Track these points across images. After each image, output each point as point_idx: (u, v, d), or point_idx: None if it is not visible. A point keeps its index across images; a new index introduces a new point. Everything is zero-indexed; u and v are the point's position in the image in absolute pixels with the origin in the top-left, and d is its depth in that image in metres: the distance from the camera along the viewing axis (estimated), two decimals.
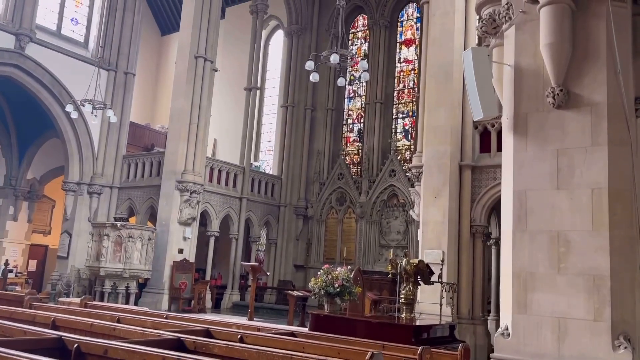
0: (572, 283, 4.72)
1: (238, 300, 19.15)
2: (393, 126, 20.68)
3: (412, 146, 19.54)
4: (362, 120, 21.46)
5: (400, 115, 20.74)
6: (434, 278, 7.64)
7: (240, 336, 5.16)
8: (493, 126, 11.11)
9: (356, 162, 21.25)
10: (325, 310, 7.80)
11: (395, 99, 20.90)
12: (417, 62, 20.15)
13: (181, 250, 16.92)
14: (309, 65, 11.21)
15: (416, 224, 14.08)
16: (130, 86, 19.81)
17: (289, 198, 21.23)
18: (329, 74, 20.73)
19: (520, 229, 5.04)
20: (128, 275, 15.45)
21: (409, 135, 20.22)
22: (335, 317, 7.49)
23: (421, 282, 7.52)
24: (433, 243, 10.75)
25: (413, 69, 20.64)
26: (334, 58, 10.95)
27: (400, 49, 21.20)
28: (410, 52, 20.97)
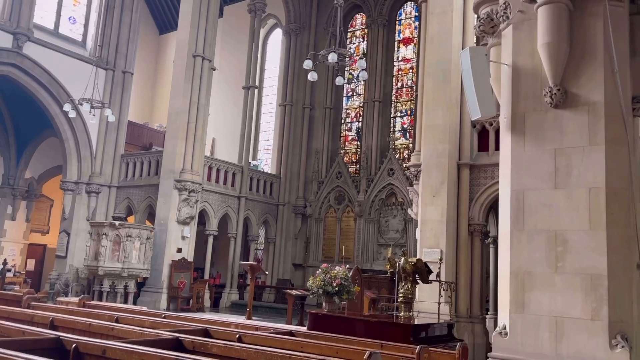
0: (569, 282, 4.73)
1: (237, 299, 19.16)
2: (391, 125, 20.69)
3: (410, 145, 19.57)
4: (360, 119, 21.46)
5: (399, 114, 20.75)
6: (432, 277, 7.64)
7: (239, 336, 5.16)
8: (491, 125, 11.11)
9: (355, 160, 21.27)
10: (324, 309, 7.80)
11: (393, 97, 20.91)
12: (415, 60, 20.16)
13: (180, 250, 16.92)
14: (307, 64, 11.22)
15: (414, 223, 14.10)
16: (128, 85, 19.80)
17: (287, 197, 21.24)
18: (327, 72, 20.73)
19: (518, 228, 5.04)
20: (126, 274, 15.46)
21: (408, 134, 20.24)
22: (333, 316, 7.49)
23: (419, 281, 7.52)
24: (431, 242, 10.76)
25: (411, 68, 20.64)
26: (332, 57, 10.95)
27: (399, 47, 21.21)
28: (408, 51, 20.97)
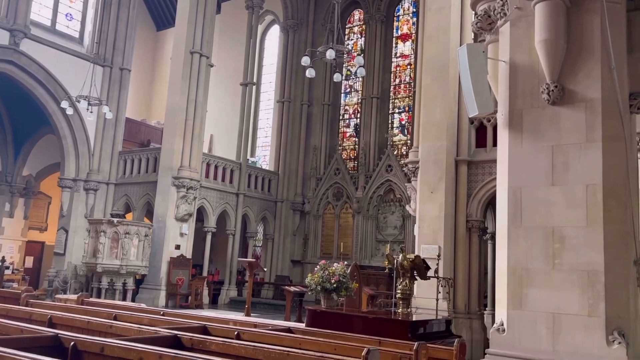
0: (566, 279, 4.75)
1: (235, 295, 19.18)
2: (389, 121, 20.69)
3: (408, 141, 19.57)
4: (358, 115, 21.45)
5: (397, 110, 20.74)
6: (430, 273, 7.65)
7: (237, 333, 5.17)
8: (489, 121, 11.12)
9: (353, 157, 21.27)
10: (322, 306, 7.82)
11: (391, 94, 20.90)
12: (413, 57, 20.14)
13: (178, 246, 16.93)
14: (304, 60, 11.20)
15: (413, 219, 14.11)
16: (125, 82, 19.75)
17: (285, 193, 21.25)
18: (325, 69, 20.69)
19: (516, 225, 5.06)
20: (125, 271, 15.47)
21: (406, 131, 20.24)
22: (332, 313, 7.50)
23: (418, 277, 7.53)
24: (429, 238, 10.76)
25: (409, 64, 20.62)
26: (330, 53, 10.94)
27: (397, 43, 21.18)
28: (406, 47, 20.95)
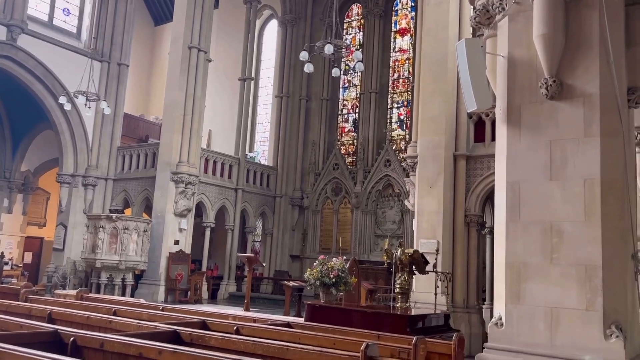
0: (564, 273, 4.77)
1: (234, 290, 19.21)
2: (388, 116, 20.67)
3: (407, 136, 19.56)
4: (357, 110, 21.43)
5: (395, 105, 20.72)
6: (428, 267, 7.67)
7: (237, 328, 5.19)
8: (487, 116, 11.11)
9: (351, 152, 21.26)
10: (321, 301, 7.84)
11: (390, 88, 20.87)
12: (412, 51, 20.11)
13: (177, 242, 16.94)
14: (303, 55, 11.17)
15: (411, 214, 14.13)
16: (123, 77, 19.70)
17: (284, 189, 21.25)
18: (324, 63, 20.65)
19: (514, 219, 5.07)
20: (124, 266, 15.48)
21: (404, 125, 20.22)
22: (330, 308, 7.52)
23: (416, 272, 7.55)
24: (428, 233, 10.78)
25: (408, 59, 20.59)
26: (328, 48, 10.91)
27: (395, 38, 21.14)
28: (405, 42, 20.90)
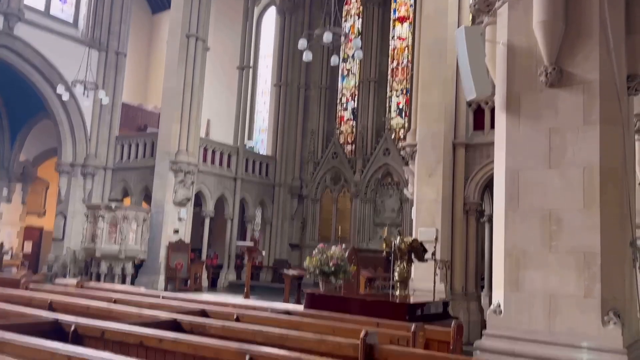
0: (563, 261, 4.78)
1: (234, 279, 19.28)
2: (387, 104, 20.63)
3: (406, 124, 19.53)
4: (356, 98, 21.38)
5: (395, 93, 20.67)
6: (427, 256, 7.68)
7: (237, 316, 5.21)
8: (487, 104, 11.07)
9: (350, 141, 21.24)
10: (321, 289, 7.86)
11: (389, 76, 20.81)
12: (411, 39, 20.01)
13: (176, 231, 16.97)
14: (301, 44, 11.12)
15: (410, 203, 14.13)
16: (121, 66, 19.61)
17: (283, 178, 21.25)
18: (323, 52, 20.57)
19: (512, 207, 5.07)
20: (124, 256, 15.51)
21: (403, 114, 20.19)
22: (330, 296, 7.55)
23: (415, 260, 7.57)
24: (427, 221, 10.79)
25: (407, 46, 20.49)
26: (327, 36, 10.86)
27: (394, 26, 21.02)
28: (404, 29, 20.80)
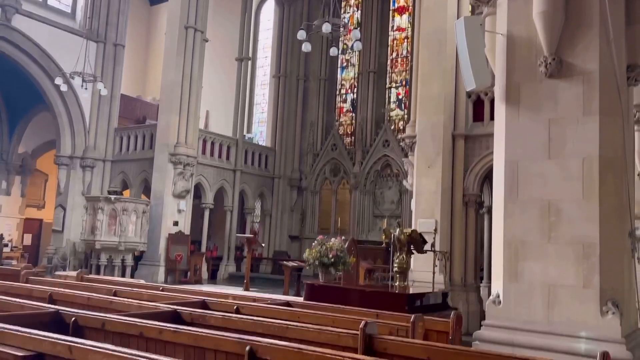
0: (562, 251, 4.80)
1: (234, 271, 19.33)
2: (386, 96, 20.58)
3: (405, 116, 19.50)
4: (355, 90, 21.33)
5: (394, 84, 20.62)
6: (427, 247, 7.71)
7: (237, 307, 5.22)
8: (486, 95, 11.06)
9: (350, 132, 21.21)
10: (320, 280, 7.89)
11: (388, 68, 20.74)
12: (410, 30, 19.92)
13: (176, 223, 16.99)
14: (300, 35, 11.08)
15: (410, 194, 14.15)
16: (120, 58, 19.53)
17: (282, 170, 21.25)
18: (322, 43, 20.50)
19: (512, 198, 5.08)
20: (123, 248, 15.54)
21: (403, 105, 20.14)
22: (329, 287, 7.58)
23: (414, 251, 7.60)
24: (426, 212, 10.82)
25: (406, 37, 20.42)
26: (326, 27, 10.81)
27: (394, 16, 20.93)
28: (403, 20, 20.71)
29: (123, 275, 15.31)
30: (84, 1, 19.47)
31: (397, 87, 20.54)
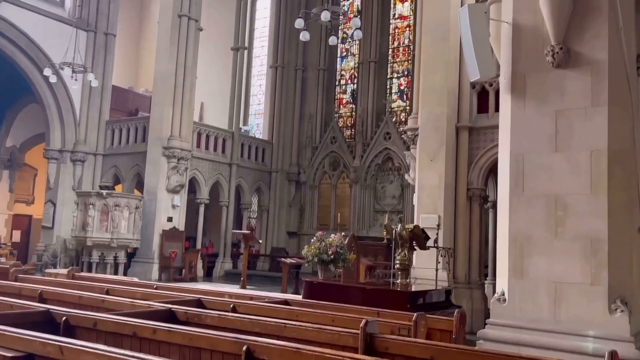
0: (569, 247, 4.80)
1: (230, 268, 19.35)
2: (388, 86, 20.55)
3: (407, 107, 19.47)
4: (355, 80, 21.29)
5: (395, 75, 20.58)
6: (429, 243, 7.72)
7: (233, 305, 5.23)
8: (491, 85, 11.05)
9: (349, 125, 21.19)
10: (319, 278, 7.90)
11: (390, 57, 20.71)
12: (412, 18, 19.87)
13: (170, 219, 16.99)
14: (298, 23, 11.04)
15: (412, 188, 14.15)
16: (111, 48, 19.45)
17: (280, 163, 21.24)
18: (320, 32, 20.42)
19: (517, 192, 5.09)
20: (116, 244, 15.54)
21: (405, 96, 20.12)
22: (329, 284, 7.59)
23: (417, 247, 7.60)
24: (429, 207, 10.83)
25: (408, 26, 20.36)
26: (325, 15, 10.76)
27: (395, 4, 20.87)
28: (405, 8, 20.65)
29: (116, 273, 15.32)
30: None
31: (398, 78, 20.51)
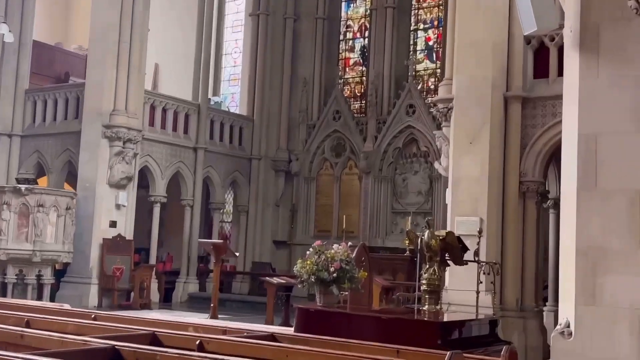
0: None
1: (196, 290, 19.43)
2: (411, 42, 20.57)
3: (438, 71, 19.50)
4: (366, 33, 21.29)
5: (422, 25, 20.60)
6: (468, 256, 7.76)
7: (200, 342, 5.25)
8: (553, 40, 11.09)
9: (359, 94, 21.24)
10: (318, 304, 7.94)
11: (414, 2, 20.70)
12: None
13: (114, 224, 17.01)
14: None
15: (444, 181, 14.19)
16: None
17: (264, 148, 21.27)
18: None
19: (588, 187, 5.10)
20: (39, 259, 15.54)
21: (434, 55, 20.14)
22: (331, 313, 7.63)
23: (450, 262, 7.65)
24: (467, 207, 10.87)
25: None
26: None
27: None
28: None
29: (39, 297, 15.35)
30: None
31: (426, 30, 20.52)
